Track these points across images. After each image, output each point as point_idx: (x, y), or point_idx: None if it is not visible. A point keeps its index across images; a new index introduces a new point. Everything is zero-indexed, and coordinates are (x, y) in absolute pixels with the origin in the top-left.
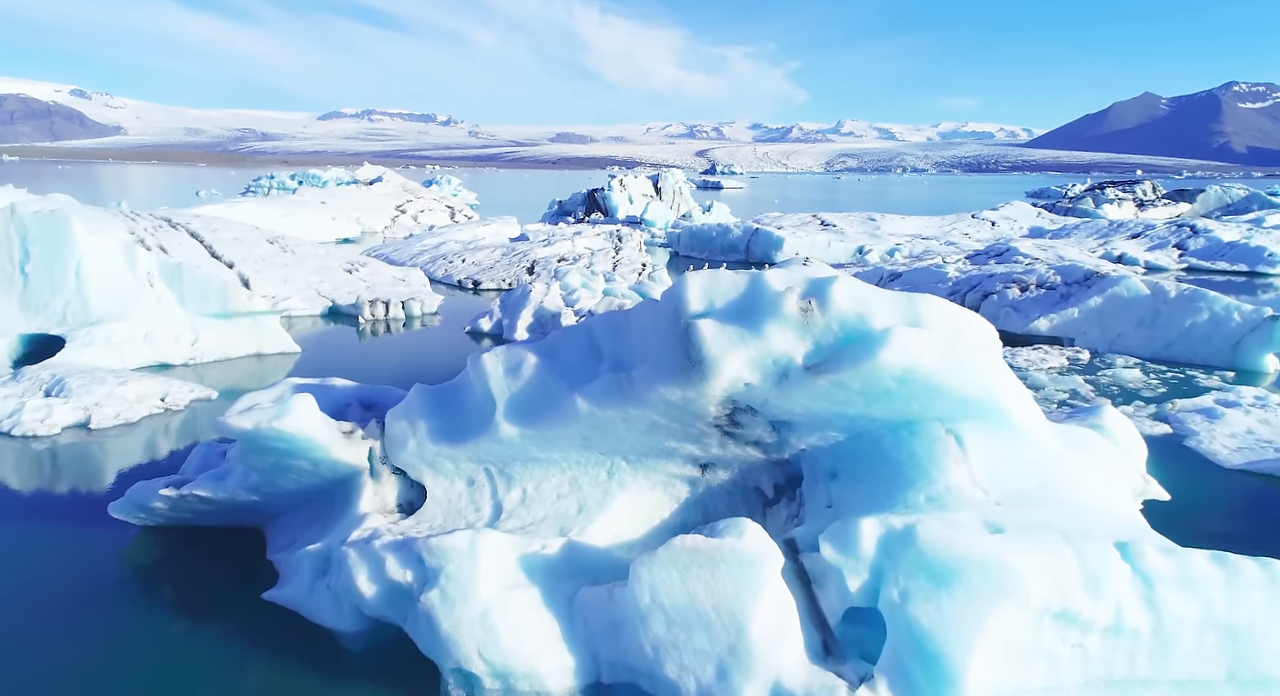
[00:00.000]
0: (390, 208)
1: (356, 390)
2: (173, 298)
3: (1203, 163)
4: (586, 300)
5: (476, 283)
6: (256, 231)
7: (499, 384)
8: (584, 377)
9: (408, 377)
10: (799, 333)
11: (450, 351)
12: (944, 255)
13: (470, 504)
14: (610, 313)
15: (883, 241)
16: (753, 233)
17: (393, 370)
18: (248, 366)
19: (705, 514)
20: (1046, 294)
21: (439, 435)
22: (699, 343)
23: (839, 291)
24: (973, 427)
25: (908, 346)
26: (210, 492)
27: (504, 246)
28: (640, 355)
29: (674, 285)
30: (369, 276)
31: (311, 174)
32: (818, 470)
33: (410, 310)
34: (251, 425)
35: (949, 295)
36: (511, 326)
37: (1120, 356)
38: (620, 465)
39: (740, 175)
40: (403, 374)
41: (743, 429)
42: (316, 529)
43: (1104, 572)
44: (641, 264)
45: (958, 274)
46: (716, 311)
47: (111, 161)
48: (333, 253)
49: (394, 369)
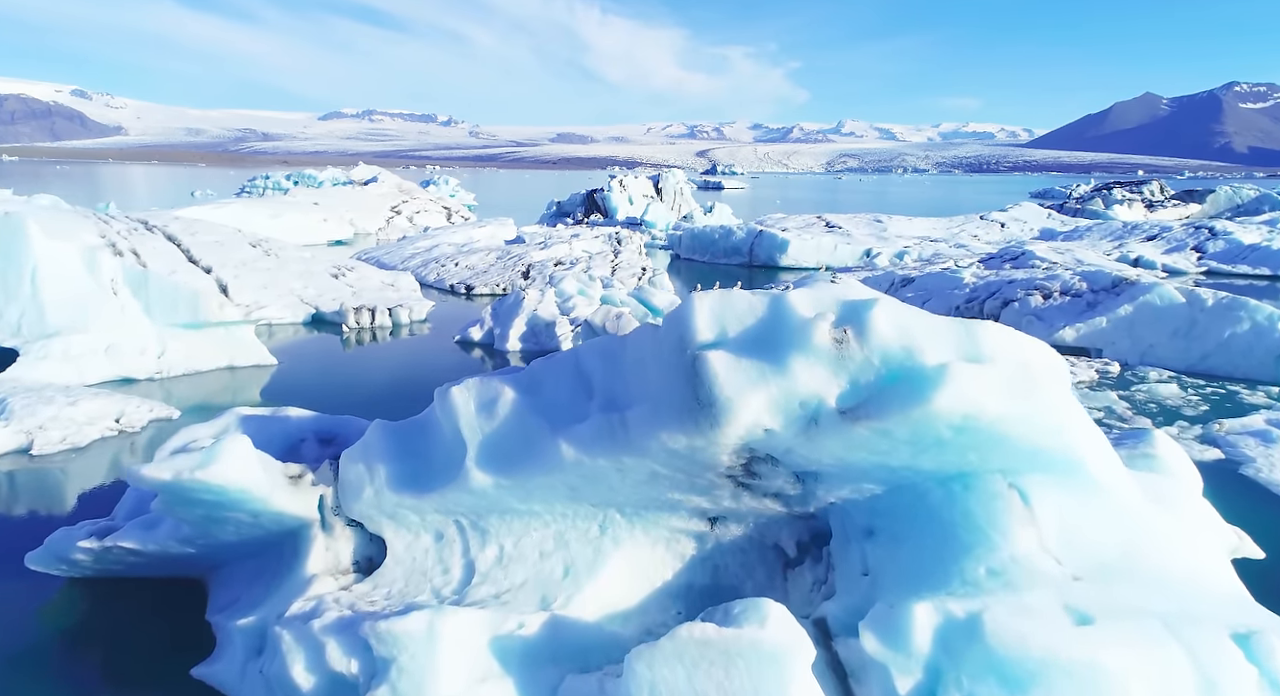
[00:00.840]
0: (385, 209)
1: (314, 421)
2: (138, 307)
3: (1204, 163)
4: (583, 308)
5: (469, 288)
6: (239, 234)
7: (470, 424)
8: (571, 417)
9: (389, 395)
10: (832, 369)
11: (438, 363)
12: (956, 258)
13: (437, 563)
14: (602, 339)
15: (890, 244)
16: (756, 235)
17: (374, 386)
18: (219, 380)
19: (715, 574)
20: (1072, 301)
21: (401, 482)
22: (709, 380)
23: (881, 318)
24: (1041, 481)
25: (968, 388)
26: (139, 544)
27: (499, 249)
28: (638, 391)
29: (679, 308)
30: (356, 281)
31: (307, 174)
32: (850, 527)
33: (397, 318)
34: (170, 475)
35: (966, 302)
36: (503, 336)
37: (1153, 369)
38: (614, 519)
39: (741, 175)
40: (384, 390)
41: (760, 480)
42: (260, 589)
43: (1222, 675)
44: (641, 268)
45: (974, 279)
46: (730, 341)
47: (111, 162)
48: (319, 256)
49: (375, 384)
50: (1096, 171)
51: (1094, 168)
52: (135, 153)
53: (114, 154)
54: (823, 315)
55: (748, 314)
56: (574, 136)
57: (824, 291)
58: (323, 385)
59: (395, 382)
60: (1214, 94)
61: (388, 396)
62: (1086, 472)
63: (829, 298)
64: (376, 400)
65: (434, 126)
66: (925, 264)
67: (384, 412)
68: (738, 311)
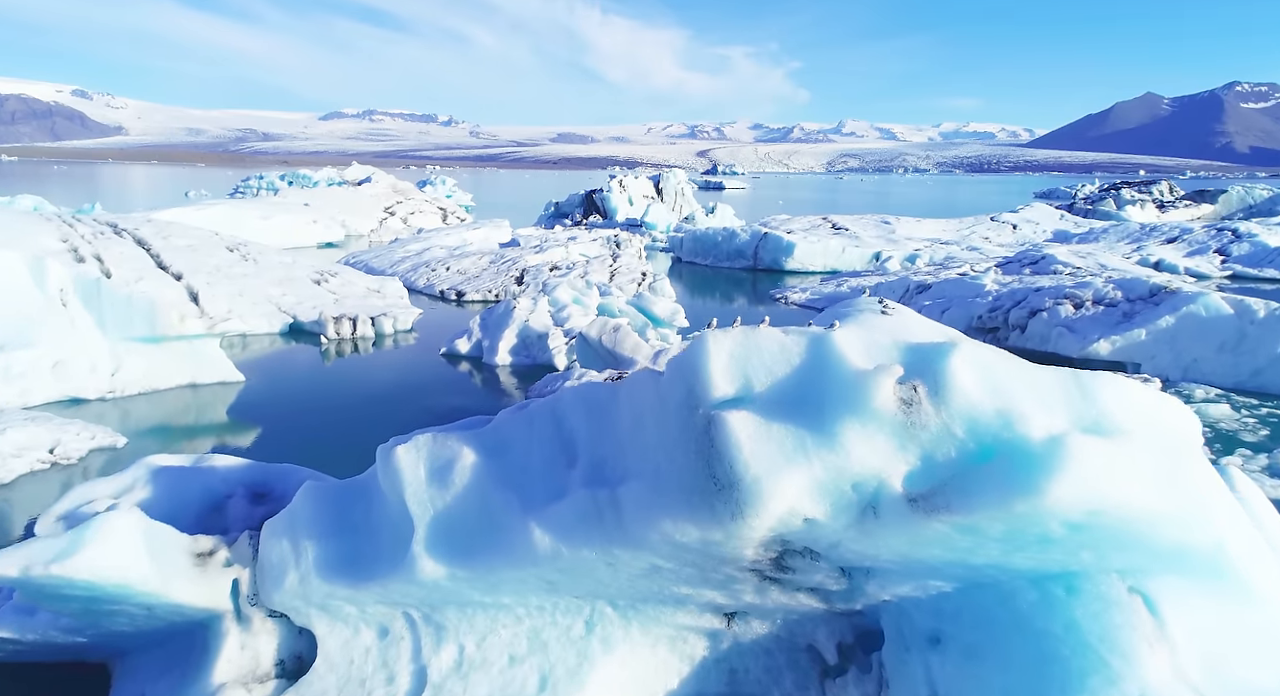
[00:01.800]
0: (378, 209)
1: (246, 472)
2: (90, 320)
3: (1205, 163)
4: (578, 318)
5: (460, 294)
6: (215, 237)
7: (418, 496)
8: (547, 492)
9: (362, 419)
10: (897, 440)
11: (421, 380)
12: (971, 262)
13: (380, 668)
14: (589, 388)
15: (900, 246)
16: (761, 237)
17: (347, 408)
18: (178, 400)
19: (731, 680)
20: (1106, 312)
21: (333, 567)
22: (730, 453)
23: (964, 370)
24: (1173, 586)
25: (1095, 473)
26: (15, 633)
27: (492, 253)
28: (634, 460)
29: (688, 352)
30: (340, 288)
31: (302, 174)
32: (909, 631)
33: (381, 328)
34: (18, 571)
35: (989, 311)
36: (492, 348)
37: (1199, 386)
38: (604, 614)
39: (742, 175)
40: (357, 413)
41: (794, 574)
42: (165, 688)
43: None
44: (641, 273)
45: (996, 286)
46: (757, 398)
47: (111, 162)
48: (301, 261)
49: (348, 406)
50: (1098, 171)
51: (1095, 167)
52: (135, 153)
53: (114, 154)
54: (885, 368)
55: (780, 361)
56: (574, 136)
57: (878, 328)
58: (290, 406)
59: (371, 403)
60: (1215, 94)
61: (360, 421)
62: (1235, 574)
63: (887, 338)
64: (347, 426)
65: (434, 126)
66: (939, 268)
67: (351, 445)
68: (766, 357)
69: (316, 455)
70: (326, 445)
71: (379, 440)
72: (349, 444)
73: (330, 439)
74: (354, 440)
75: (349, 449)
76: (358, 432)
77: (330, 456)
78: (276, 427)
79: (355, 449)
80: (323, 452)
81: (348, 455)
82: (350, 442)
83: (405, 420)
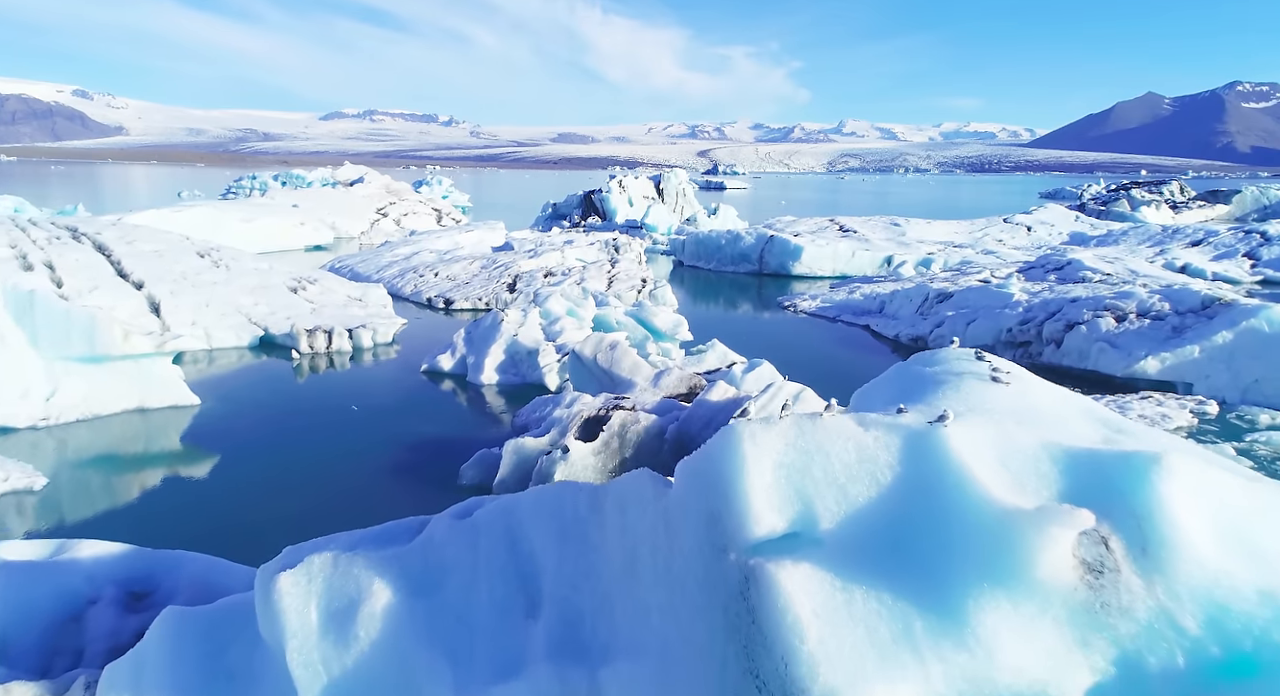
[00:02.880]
0: (370, 211)
1: (122, 563)
2: (22, 337)
3: (1207, 163)
4: (572, 332)
5: (449, 301)
6: (186, 242)
7: (307, 654)
8: (494, 656)
9: (323, 453)
10: (1076, 632)
11: (397, 402)
12: (990, 268)
13: None
14: (558, 495)
15: (912, 250)
16: (767, 241)
17: (308, 439)
18: (123, 427)
19: None
20: (1153, 325)
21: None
22: (784, 641)
23: (1188, 510)
24: None
25: None
26: None
27: (484, 257)
28: (625, 621)
29: (711, 452)
30: (318, 296)
31: (295, 174)
32: None
33: (359, 341)
34: None
35: (1020, 324)
36: (478, 366)
37: (1263, 410)
38: None
39: (743, 175)
40: (318, 448)
41: None
42: None
43: None
44: (641, 279)
45: (1025, 296)
46: (825, 538)
47: (111, 162)
48: (278, 267)
49: (311, 436)
50: (1099, 171)
51: (1096, 167)
52: (135, 153)
53: (113, 154)
54: (1055, 512)
55: (859, 476)
56: (575, 136)
57: (1001, 410)
58: (243, 436)
59: (337, 432)
60: (1217, 93)
61: (320, 457)
62: None
63: (1030, 439)
64: (302, 465)
65: (435, 126)
66: (957, 274)
67: (300, 497)
68: (837, 467)
69: (253, 513)
70: (270, 496)
71: (336, 486)
72: (298, 492)
73: (278, 485)
74: (306, 487)
75: (296, 501)
76: (313, 474)
77: (270, 516)
78: (221, 466)
79: (304, 502)
80: (261, 508)
81: (290, 516)
82: (301, 491)
83: (371, 456)
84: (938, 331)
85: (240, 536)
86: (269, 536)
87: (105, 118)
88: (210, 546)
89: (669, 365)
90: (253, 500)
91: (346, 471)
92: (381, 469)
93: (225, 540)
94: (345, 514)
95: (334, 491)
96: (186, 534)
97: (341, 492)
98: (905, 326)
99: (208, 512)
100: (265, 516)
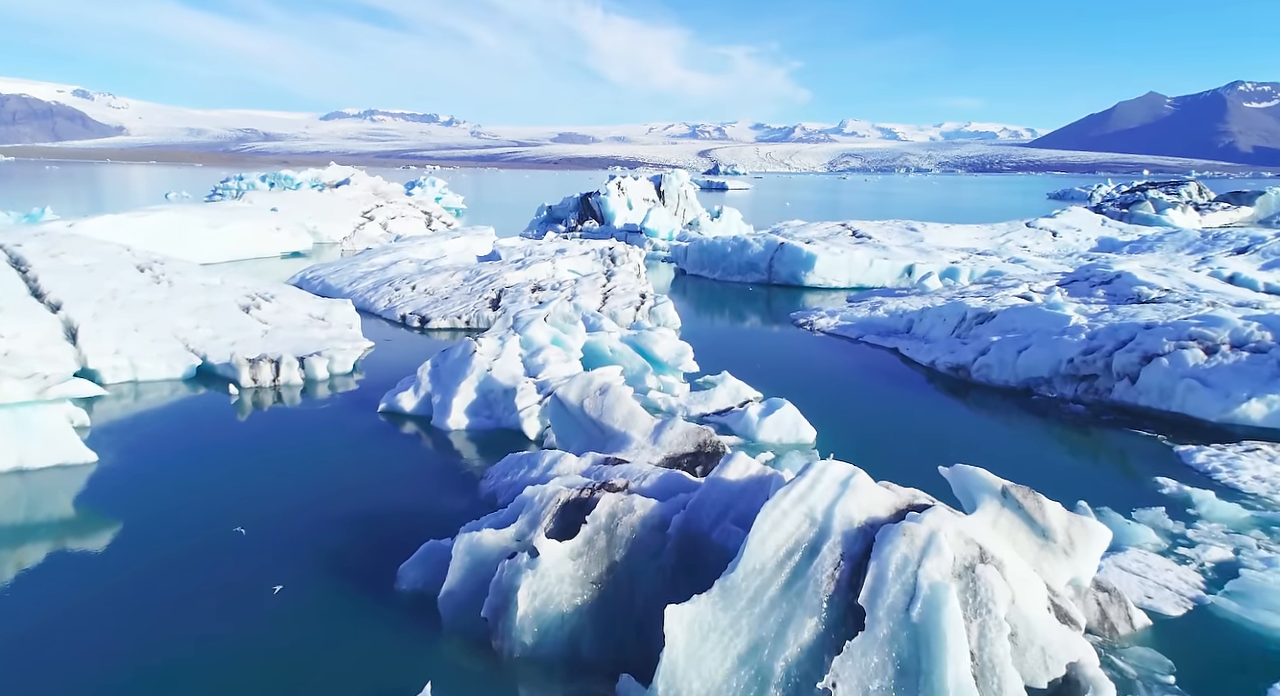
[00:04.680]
0: (355, 214)
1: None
2: None
3: (1209, 162)
4: (557, 365)
5: (424, 319)
6: (126, 254)
7: None
8: None
9: (231, 541)
10: None
11: (343, 456)
12: (1027, 281)
13: None
14: None
15: (933, 258)
16: (776, 248)
17: (218, 516)
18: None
19: None
20: (1252, 359)
21: None
22: None
23: None
24: None
25: None
26: None
27: (468, 268)
28: None
29: None
30: (274, 315)
31: (284, 175)
32: None
33: (312, 371)
34: None
35: (1084, 354)
36: (444, 406)
37: None
38: None
39: (744, 176)
40: (225, 534)
41: None
42: None
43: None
44: (640, 294)
45: (1084, 319)
46: None
47: (109, 162)
48: (230, 282)
49: (222, 511)
50: (1101, 171)
51: (1098, 167)
52: (134, 153)
53: (113, 154)
54: None
55: None
56: (576, 136)
57: None
58: (137, 510)
59: (264, 502)
60: (1218, 93)
61: (225, 546)
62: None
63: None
64: (197, 558)
65: (436, 126)
66: (991, 287)
67: (190, 602)
68: None
69: (132, 633)
70: (152, 609)
71: (236, 592)
72: (185, 602)
73: (163, 589)
74: (197, 595)
75: (180, 616)
76: (214, 568)
77: (151, 638)
78: (85, 567)
79: (187, 620)
80: (142, 627)
81: (169, 640)
82: (189, 602)
83: (296, 541)
84: (982, 360)
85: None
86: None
87: (106, 118)
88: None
89: (672, 404)
90: (134, 613)
91: (257, 565)
92: (303, 561)
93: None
94: (233, 645)
95: (231, 601)
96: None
97: (242, 602)
98: (941, 352)
99: (75, 633)
100: (143, 639)
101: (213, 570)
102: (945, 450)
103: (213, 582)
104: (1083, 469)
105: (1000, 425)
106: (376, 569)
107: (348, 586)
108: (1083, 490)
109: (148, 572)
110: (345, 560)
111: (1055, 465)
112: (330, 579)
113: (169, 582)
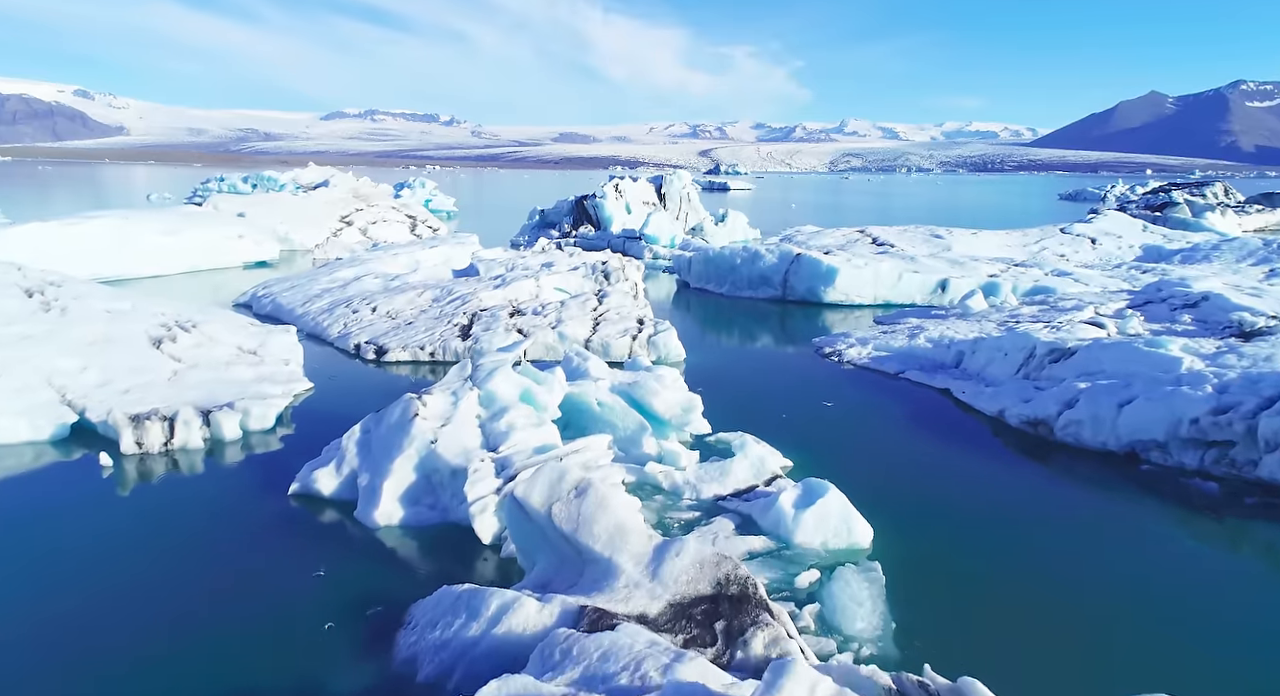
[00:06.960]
0: (333, 218)
1: None
2: None
3: (1211, 162)
4: (525, 431)
5: (381, 350)
6: (17, 273)
7: None
8: None
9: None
10: None
11: (219, 575)
12: (1092, 302)
13: None
14: None
15: (966, 270)
16: (792, 260)
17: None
18: None
19: None
20: None
21: None
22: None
23: None
24: None
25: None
26: None
27: (439, 286)
28: None
29: None
30: (192, 350)
31: (267, 177)
32: None
33: (219, 431)
34: None
35: (1213, 412)
36: (371, 492)
37: None
38: None
39: (746, 175)
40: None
41: None
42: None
43: None
44: (637, 320)
45: (1202, 364)
46: None
47: (108, 162)
48: (144, 306)
49: (47, 653)
50: (1103, 170)
51: (1100, 166)
52: (134, 153)
53: (112, 154)
54: None
55: None
56: (576, 136)
57: None
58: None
59: (69, 669)
60: (1220, 92)
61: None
62: None
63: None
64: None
65: (436, 126)
66: (1046, 309)
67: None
68: None
69: None
70: None
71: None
72: None
73: None
74: None
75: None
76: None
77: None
78: None
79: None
80: None
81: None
82: None
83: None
84: (1069, 415)
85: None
86: None
87: (106, 118)
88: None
89: (676, 482)
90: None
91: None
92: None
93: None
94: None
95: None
96: None
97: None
98: (1010, 399)
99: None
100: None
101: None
102: (1037, 554)
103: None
104: (1230, 578)
105: (1103, 506)
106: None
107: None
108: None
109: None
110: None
111: (1193, 576)
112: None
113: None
